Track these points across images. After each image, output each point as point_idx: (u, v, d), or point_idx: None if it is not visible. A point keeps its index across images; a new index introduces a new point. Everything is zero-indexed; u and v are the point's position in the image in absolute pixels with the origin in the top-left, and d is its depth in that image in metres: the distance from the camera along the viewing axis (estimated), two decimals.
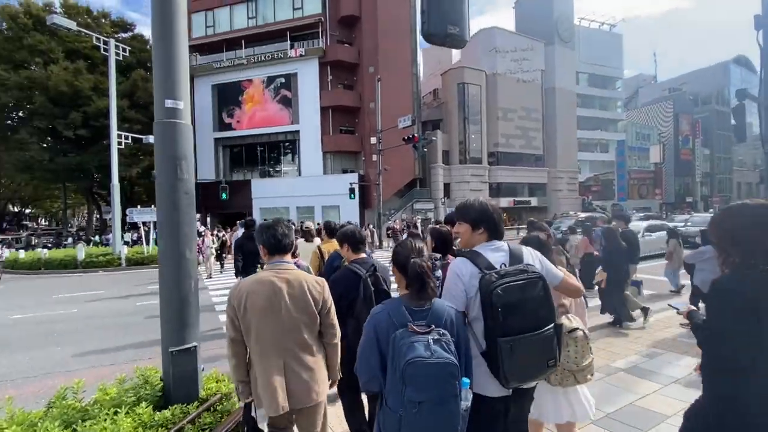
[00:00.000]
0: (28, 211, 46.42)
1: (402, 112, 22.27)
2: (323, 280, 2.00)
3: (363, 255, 2.41)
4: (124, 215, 15.65)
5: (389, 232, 20.60)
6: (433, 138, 24.75)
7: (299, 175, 28.07)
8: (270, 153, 29.70)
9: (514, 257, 1.66)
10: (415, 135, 18.04)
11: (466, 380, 1.41)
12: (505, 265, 1.61)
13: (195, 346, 2.27)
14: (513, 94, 37.76)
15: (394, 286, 1.93)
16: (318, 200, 25.82)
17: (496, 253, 1.65)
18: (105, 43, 14.81)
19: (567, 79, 42.36)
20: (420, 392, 1.31)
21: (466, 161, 34.74)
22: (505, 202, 36.76)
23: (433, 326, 1.40)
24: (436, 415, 1.33)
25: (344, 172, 27.47)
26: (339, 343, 2.01)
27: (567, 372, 2.05)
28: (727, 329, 1.30)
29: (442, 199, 29.79)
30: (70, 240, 22.96)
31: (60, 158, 21.31)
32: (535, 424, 2.22)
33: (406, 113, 21.45)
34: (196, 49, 29.49)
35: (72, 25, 13.49)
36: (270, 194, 27.18)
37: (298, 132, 27.82)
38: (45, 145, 21.31)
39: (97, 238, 22.99)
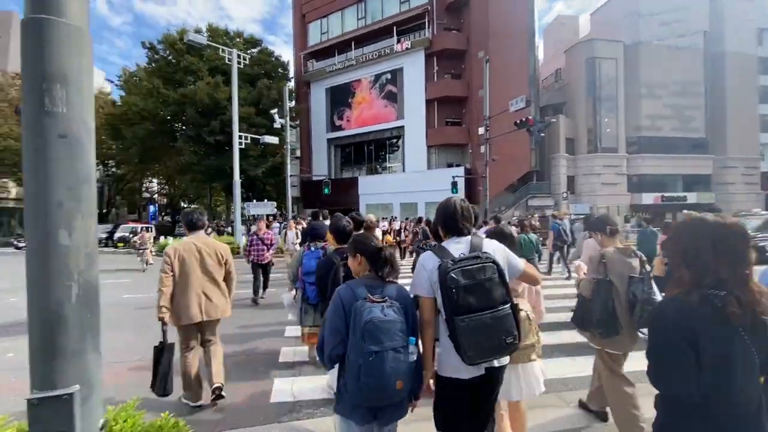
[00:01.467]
0: (193, 206, 56.99)
1: (516, 96, 19.89)
2: (227, 246, 3.46)
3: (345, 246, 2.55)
4: None
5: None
6: (553, 120, 21.49)
7: (403, 170, 27.67)
8: (376, 150, 30.04)
9: (473, 247, 1.85)
10: (530, 118, 15.65)
11: (412, 339, 1.71)
12: (463, 254, 1.81)
13: (71, 394, 1.30)
14: (662, 66, 30.89)
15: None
16: (421, 196, 24.97)
17: (457, 245, 1.88)
18: (230, 53, 16.47)
19: (743, 39, 32.92)
20: (376, 344, 1.62)
21: (596, 150, 29.72)
22: (648, 198, 30.35)
23: (387, 298, 1.74)
24: (388, 361, 1.63)
25: (449, 166, 26.03)
26: (234, 282, 3.49)
27: None
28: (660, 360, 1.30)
29: (564, 194, 25.91)
30: (210, 231, 26.88)
31: (205, 161, 24.88)
32: None
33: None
34: (313, 55, 31.65)
35: (203, 40, 15.32)
36: (375, 191, 27.42)
37: (403, 128, 27.43)
38: (194, 150, 25.19)
39: (229, 229, 26.37)
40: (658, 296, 2.41)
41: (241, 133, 17.21)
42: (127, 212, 52.30)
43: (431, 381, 1.88)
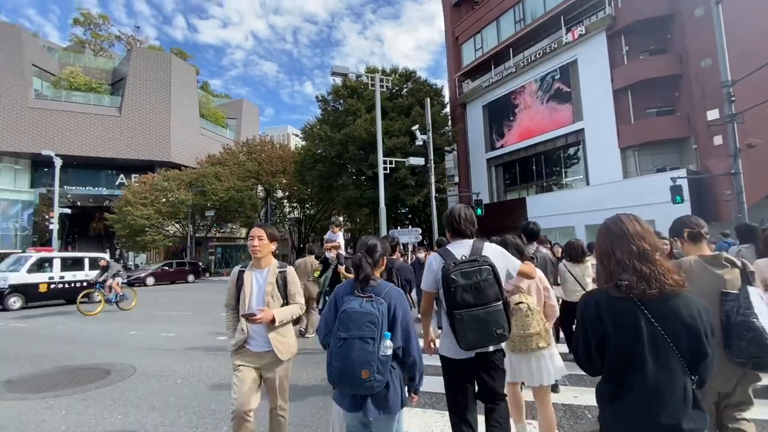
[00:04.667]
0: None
1: None
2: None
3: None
4: None
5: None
6: None
7: (587, 183, 21.87)
8: (547, 164, 25.13)
9: (474, 251, 2.17)
10: None
11: (387, 333, 1.81)
12: (465, 257, 2.13)
13: None
14: None
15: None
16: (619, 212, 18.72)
17: (460, 248, 2.23)
18: (371, 78, 16.19)
19: None
20: (345, 331, 1.80)
21: None
22: None
23: (373, 295, 1.90)
24: (353, 349, 1.76)
25: (660, 170, 18.98)
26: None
27: (516, 337, 2.63)
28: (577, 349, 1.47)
29: None
30: None
31: (366, 194, 25.70)
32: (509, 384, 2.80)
33: None
34: (467, 75, 29.91)
35: (346, 70, 15.48)
36: (549, 212, 22.44)
37: (581, 131, 22.01)
38: (357, 184, 26.50)
39: None
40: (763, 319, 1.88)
41: (386, 158, 16.38)
42: (321, 247, 61.11)
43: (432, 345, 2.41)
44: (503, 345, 2.30)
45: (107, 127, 34.37)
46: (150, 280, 22.09)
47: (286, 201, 39.12)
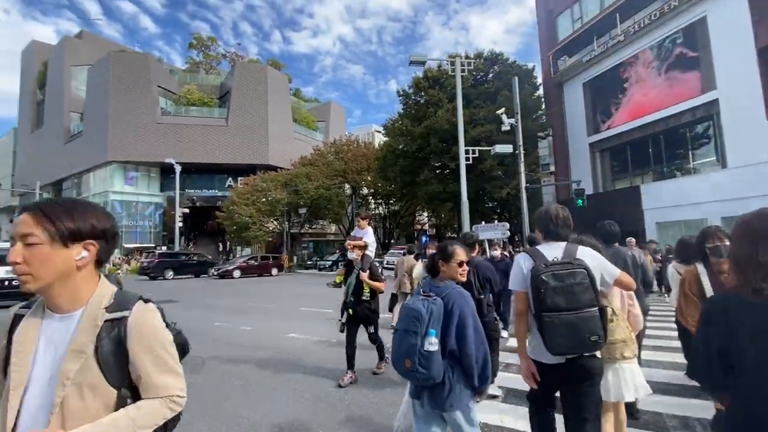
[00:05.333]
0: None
1: None
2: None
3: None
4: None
5: None
6: None
7: (723, 167, 17.85)
8: (667, 145, 21.20)
9: (567, 253, 2.07)
10: None
11: (432, 331, 1.90)
12: (557, 259, 2.04)
13: None
14: None
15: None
16: (759, 203, 14.89)
17: (552, 250, 2.11)
18: (451, 63, 15.26)
19: None
20: (399, 324, 2.02)
21: None
22: None
23: (433, 294, 2.01)
24: (401, 340, 1.96)
25: None
26: None
27: None
28: None
29: None
30: None
31: (449, 188, 24.76)
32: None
33: None
34: (564, 51, 26.79)
35: (423, 58, 14.82)
36: (670, 202, 18.91)
37: (714, 103, 18.02)
38: (439, 178, 25.64)
39: None
40: None
41: (469, 147, 15.34)
42: (406, 243, 61.40)
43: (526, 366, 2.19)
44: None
45: (217, 136, 38.95)
46: (237, 273, 23.43)
47: (371, 198, 39.95)
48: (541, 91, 27.06)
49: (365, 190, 39.11)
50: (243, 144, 39.35)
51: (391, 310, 7.23)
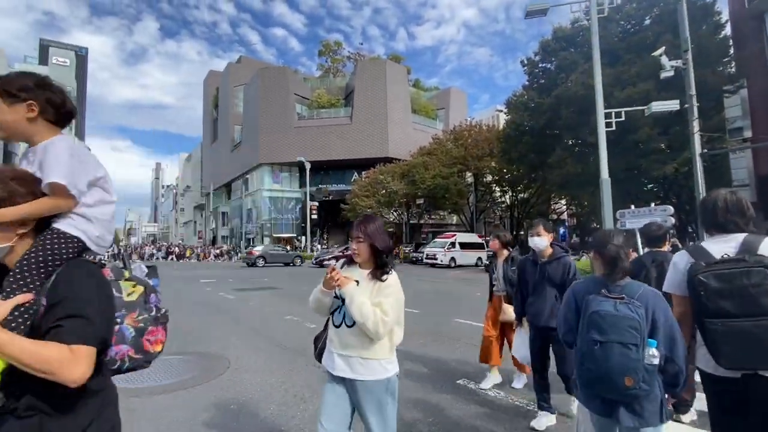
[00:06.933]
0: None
1: None
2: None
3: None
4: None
5: None
6: None
7: None
8: None
9: (744, 248, 1.73)
10: None
11: (653, 341, 1.68)
12: (727, 256, 1.73)
13: None
14: None
15: None
16: None
17: (721, 245, 1.79)
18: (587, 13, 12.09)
19: None
20: (601, 334, 1.69)
21: None
22: None
23: (625, 296, 1.73)
24: (613, 354, 1.66)
25: None
26: None
27: None
28: None
29: None
30: None
31: (590, 167, 20.55)
32: None
33: None
34: None
35: (544, 6, 12.03)
36: None
37: None
38: (576, 157, 21.48)
39: None
40: None
41: (608, 110, 11.96)
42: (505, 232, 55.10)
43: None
44: None
45: (343, 134, 41.53)
46: (332, 263, 24.72)
47: (495, 185, 36.85)
48: (728, 30, 20.04)
49: (489, 177, 36.27)
50: (365, 139, 41.00)
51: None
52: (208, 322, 7.00)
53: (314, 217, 34.15)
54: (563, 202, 45.21)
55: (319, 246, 36.78)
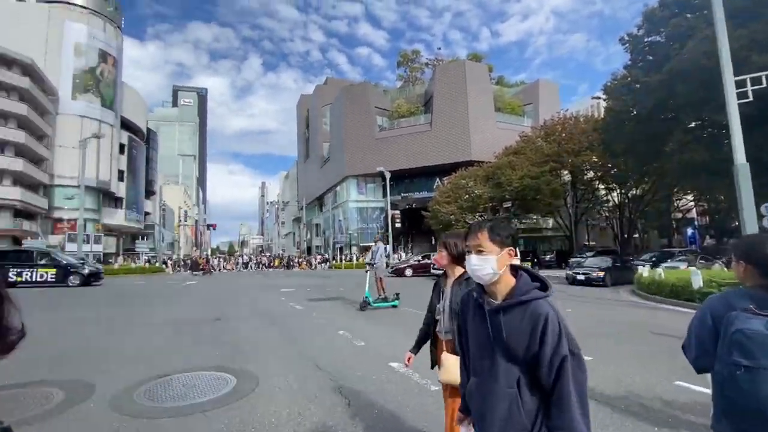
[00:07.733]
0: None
1: None
2: None
3: None
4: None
5: None
6: None
7: None
8: None
9: None
10: None
11: None
12: None
13: None
14: None
15: None
16: None
17: None
18: None
19: None
20: (748, 358, 1.42)
21: None
22: None
23: None
24: (764, 381, 1.39)
25: None
26: None
27: None
28: None
29: None
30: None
31: (720, 153, 16.67)
32: None
33: None
34: None
35: None
36: None
37: None
38: (702, 143, 17.55)
39: None
40: None
41: (738, 77, 9.32)
42: (658, 236, 46.73)
43: None
44: None
45: (423, 141, 41.10)
46: (408, 272, 24.82)
47: (597, 182, 32.51)
48: None
49: (590, 174, 32.14)
50: (446, 144, 39.97)
51: None
52: (257, 336, 6.99)
53: (398, 225, 34.18)
54: (689, 197, 37.62)
55: (402, 254, 36.61)
